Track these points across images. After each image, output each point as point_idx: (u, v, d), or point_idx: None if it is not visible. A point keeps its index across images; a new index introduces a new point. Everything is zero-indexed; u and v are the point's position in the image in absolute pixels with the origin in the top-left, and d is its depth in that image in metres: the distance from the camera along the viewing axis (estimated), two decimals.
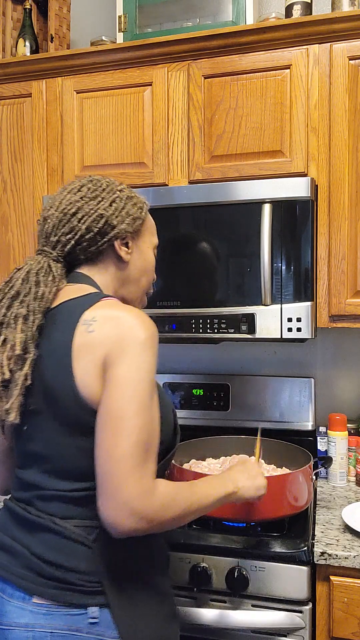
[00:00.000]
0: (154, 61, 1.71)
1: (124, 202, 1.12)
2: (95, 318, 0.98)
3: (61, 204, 1.10)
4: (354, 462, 1.78)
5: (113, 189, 1.12)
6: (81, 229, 1.07)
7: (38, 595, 0.96)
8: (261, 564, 1.31)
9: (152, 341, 0.98)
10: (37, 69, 1.81)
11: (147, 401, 0.94)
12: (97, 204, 1.09)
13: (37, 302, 1.02)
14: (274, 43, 1.60)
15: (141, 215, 1.15)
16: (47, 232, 1.10)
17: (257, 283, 1.54)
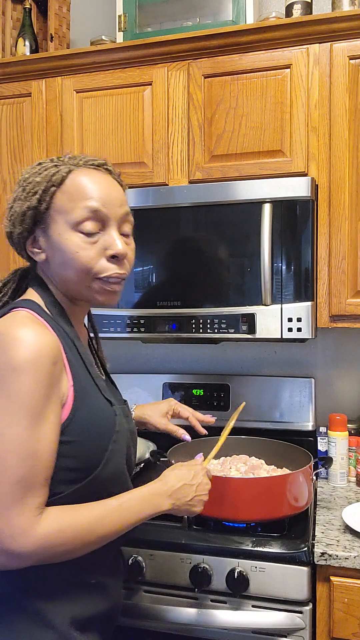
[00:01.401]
0: (154, 61, 1.70)
1: (13, 200, 1.00)
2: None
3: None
4: (354, 462, 1.78)
5: (19, 181, 1.01)
6: (12, 229, 1.02)
7: None
8: (261, 565, 1.31)
9: (33, 366, 0.86)
10: (36, 68, 1.80)
11: (25, 436, 0.85)
12: (13, 198, 1.01)
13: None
14: (274, 43, 1.60)
15: (31, 203, 0.96)
16: None
17: (257, 283, 1.54)
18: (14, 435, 0.85)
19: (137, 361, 2.14)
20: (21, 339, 0.87)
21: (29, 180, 0.98)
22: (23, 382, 0.86)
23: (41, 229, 0.99)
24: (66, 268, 0.98)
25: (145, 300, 1.63)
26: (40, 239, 0.99)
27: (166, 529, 1.40)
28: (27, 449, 0.86)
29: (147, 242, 1.63)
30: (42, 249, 1.00)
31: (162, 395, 1.99)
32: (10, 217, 1.00)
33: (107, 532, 0.94)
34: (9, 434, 0.85)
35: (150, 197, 1.62)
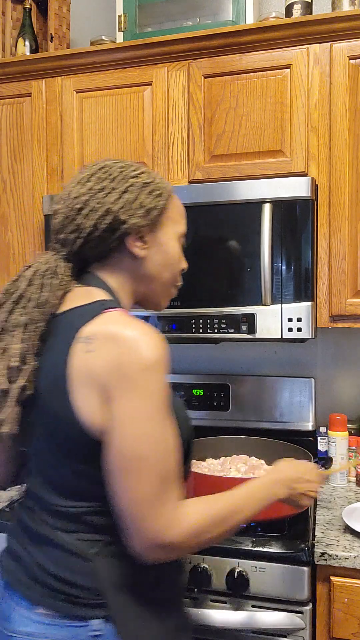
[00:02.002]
0: (154, 61, 1.70)
1: (137, 192, 1.00)
2: (95, 335, 0.90)
3: (69, 197, 1.01)
4: (355, 462, 1.78)
5: (126, 176, 1.01)
6: (87, 226, 0.98)
7: (43, 606, 0.95)
8: (261, 565, 1.31)
9: (160, 364, 0.90)
10: (36, 68, 1.80)
11: (161, 433, 0.89)
12: (104, 197, 0.98)
13: (38, 309, 0.96)
14: (274, 42, 1.60)
15: (158, 204, 1.02)
16: (55, 228, 1.03)
17: (257, 283, 1.54)
18: (154, 433, 0.88)
19: None
20: (150, 338, 0.90)
21: (154, 181, 1.03)
22: (155, 381, 0.89)
23: (151, 229, 1.03)
24: (165, 269, 1.06)
25: None
26: (147, 237, 1.03)
27: None
28: (166, 445, 0.90)
29: None
30: (145, 243, 1.03)
31: None
32: (125, 205, 0.99)
33: (239, 519, 0.99)
34: (149, 432, 0.88)
35: None
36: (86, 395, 0.90)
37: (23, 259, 1.86)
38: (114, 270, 1.03)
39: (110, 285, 1.03)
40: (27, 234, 1.85)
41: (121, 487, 0.88)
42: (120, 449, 0.88)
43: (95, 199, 0.99)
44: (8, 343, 0.95)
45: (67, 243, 1.01)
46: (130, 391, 0.88)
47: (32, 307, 0.96)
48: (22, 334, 0.95)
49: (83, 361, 0.90)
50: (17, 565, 0.99)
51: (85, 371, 0.90)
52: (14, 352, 0.94)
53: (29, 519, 1.00)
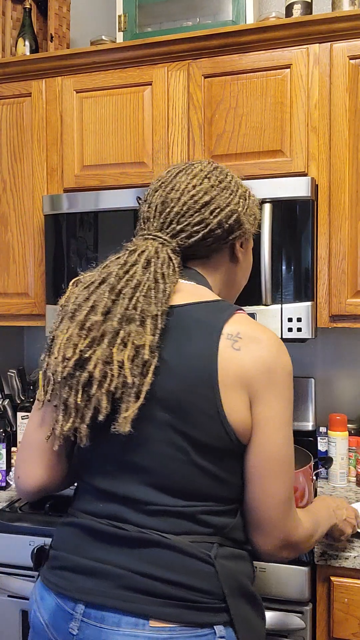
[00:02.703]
0: (154, 61, 1.70)
1: (249, 200, 1.04)
2: (240, 335, 0.90)
3: (188, 188, 0.97)
4: (355, 462, 1.78)
5: (238, 181, 1.03)
6: (212, 222, 0.96)
7: (156, 618, 0.85)
8: (261, 565, 1.31)
9: (292, 371, 0.94)
10: (36, 68, 1.80)
11: (291, 437, 0.93)
12: (229, 197, 0.99)
13: (164, 299, 0.91)
14: (274, 42, 1.60)
15: (259, 215, 1.10)
16: (168, 216, 0.97)
17: (257, 283, 1.54)
18: (291, 437, 0.93)
19: None
20: (283, 346, 0.94)
21: (253, 195, 1.08)
22: (291, 387, 0.93)
23: (249, 237, 1.08)
24: (245, 277, 1.13)
25: None
26: (244, 245, 1.07)
27: None
28: (293, 450, 0.94)
29: None
30: (242, 248, 1.07)
31: None
32: (245, 210, 1.02)
33: (322, 531, 1.08)
34: (289, 436, 0.92)
35: None
36: (235, 392, 0.89)
37: (23, 259, 1.86)
38: (213, 269, 1.04)
39: (210, 284, 1.03)
40: (27, 234, 1.85)
41: (266, 487, 0.91)
42: (271, 452, 0.91)
43: (221, 196, 0.98)
44: (132, 333, 0.88)
45: (183, 234, 0.97)
46: (278, 394, 0.90)
47: (159, 297, 0.91)
48: (152, 325, 0.89)
49: (231, 357, 0.89)
50: (95, 581, 0.89)
51: (234, 368, 0.89)
52: (147, 344, 0.87)
53: (108, 526, 0.91)
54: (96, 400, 0.87)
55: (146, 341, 0.87)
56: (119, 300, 0.90)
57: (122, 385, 0.87)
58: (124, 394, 0.87)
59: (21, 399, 2.06)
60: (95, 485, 0.95)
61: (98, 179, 1.77)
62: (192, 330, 0.91)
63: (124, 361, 0.86)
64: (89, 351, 0.88)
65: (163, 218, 0.98)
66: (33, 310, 1.85)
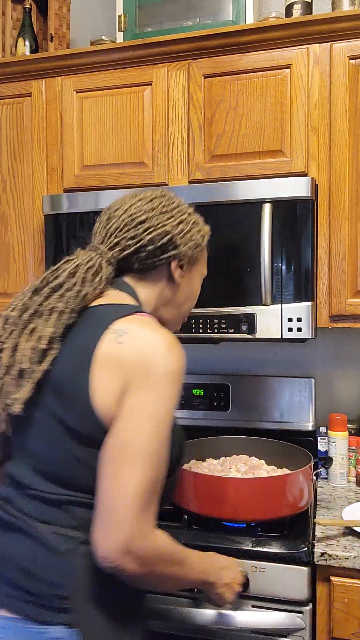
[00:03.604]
0: (154, 61, 1.70)
1: (190, 226, 1.11)
2: (127, 331, 0.94)
3: (130, 208, 1.08)
4: (354, 462, 1.78)
5: (183, 210, 1.12)
6: (144, 239, 1.05)
7: (4, 607, 0.89)
8: (261, 564, 1.31)
9: (180, 374, 0.93)
10: (36, 68, 1.80)
11: (165, 439, 0.90)
12: (166, 220, 1.08)
13: (77, 300, 1.00)
14: (274, 42, 1.60)
15: (202, 243, 1.15)
16: (108, 231, 1.08)
17: (257, 283, 1.54)
18: (156, 435, 0.89)
19: None
20: (176, 348, 0.94)
21: (200, 223, 1.16)
22: (172, 389, 0.92)
23: (191, 261, 1.14)
24: (187, 301, 1.17)
25: None
26: (185, 266, 1.12)
27: (166, 529, 1.40)
28: (164, 454, 0.91)
29: None
30: (182, 271, 1.12)
31: None
32: (181, 233, 1.09)
33: (183, 575, 1.00)
34: (152, 431, 0.89)
35: None
36: (108, 381, 0.92)
37: (23, 259, 1.86)
38: (147, 284, 1.10)
39: (140, 298, 1.09)
40: (27, 234, 1.85)
41: (116, 474, 0.87)
42: (124, 440, 0.88)
43: (157, 218, 1.07)
44: (38, 325, 0.97)
45: (118, 247, 1.07)
46: (148, 389, 0.90)
47: (72, 296, 1.00)
48: (55, 319, 0.98)
49: (112, 349, 0.93)
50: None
51: (112, 358, 0.92)
52: (46, 335, 0.96)
53: (1, 509, 0.97)
54: (1, 384, 0.97)
55: (46, 332, 0.96)
56: (35, 298, 1.01)
57: (20, 370, 0.96)
58: (22, 379, 0.96)
59: None
60: (6, 469, 1.03)
61: (98, 179, 1.77)
62: (88, 326, 0.98)
63: (26, 349, 0.96)
64: (6, 342, 0.99)
65: (105, 232, 1.09)
66: None
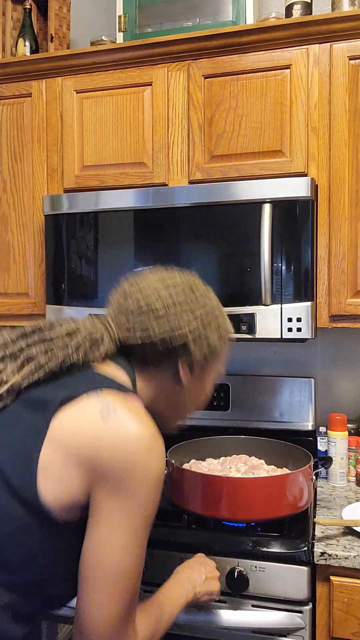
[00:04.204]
0: (154, 61, 1.70)
1: (211, 331, 1.00)
2: (117, 410, 0.84)
3: (152, 294, 0.97)
4: (354, 462, 1.78)
5: (209, 310, 1.01)
6: (156, 336, 0.96)
7: None
8: (261, 564, 1.31)
9: (161, 479, 0.86)
10: (37, 68, 1.81)
11: (141, 553, 0.85)
12: (186, 321, 0.97)
13: (60, 362, 0.91)
14: (274, 43, 1.60)
15: (221, 349, 1.04)
16: (122, 308, 0.98)
17: (257, 283, 1.54)
18: (140, 552, 0.84)
19: None
20: (159, 449, 0.86)
21: (225, 325, 1.06)
22: (154, 496, 0.85)
23: (203, 366, 1.02)
24: (193, 403, 1.07)
25: None
26: (196, 369, 1.01)
27: (166, 529, 1.40)
28: (136, 571, 0.85)
29: (147, 242, 1.63)
30: (192, 375, 1.01)
31: None
32: (197, 338, 0.99)
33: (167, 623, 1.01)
34: (137, 551, 0.84)
35: (150, 197, 1.62)
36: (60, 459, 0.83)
37: (23, 259, 1.86)
38: (149, 377, 1.00)
39: (137, 386, 0.99)
40: (27, 234, 1.85)
41: (89, 600, 0.83)
42: (100, 557, 0.82)
43: (176, 316, 0.97)
44: (7, 369, 0.91)
45: (124, 330, 0.98)
46: (124, 497, 0.82)
47: (57, 356, 0.91)
48: (28, 370, 0.90)
49: (91, 424, 0.84)
50: None
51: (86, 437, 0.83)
52: (10, 382, 0.89)
53: None
54: None
55: (10, 379, 0.90)
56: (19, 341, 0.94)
57: None
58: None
59: None
60: None
61: (98, 179, 1.77)
62: (65, 385, 0.90)
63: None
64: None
65: (118, 306, 1.00)
66: (33, 310, 1.85)
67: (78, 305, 1.69)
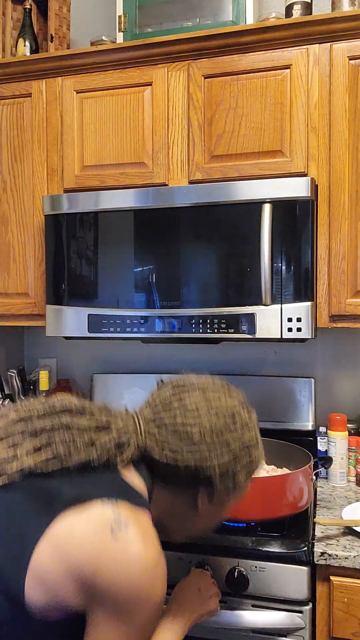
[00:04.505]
0: (154, 61, 1.70)
1: (241, 469, 0.95)
2: (129, 527, 0.80)
3: (190, 408, 0.93)
4: (354, 462, 1.78)
5: (246, 443, 0.95)
6: (182, 462, 0.91)
7: None
8: (261, 564, 1.31)
9: (161, 603, 0.83)
10: (37, 68, 1.81)
11: None
12: (219, 455, 0.92)
13: (78, 461, 0.86)
14: (274, 43, 1.60)
15: (246, 484, 0.99)
16: (156, 419, 0.93)
17: (257, 283, 1.54)
18: None
19: (137, 361, 2.15)
20: (162, 574, 0.82)
21: (257, 459, 0.99)
22: (154, 618, 0.83)
23: (222, 496, 0.97)
24: (203, 526, 1.02)
25: (145, 300, 1.64)
26: (215, 499, 0.97)
27: None
28: None
29: (147, 242, 1.63)
30: (210, 504, 0.98)
31: None
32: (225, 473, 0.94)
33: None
34: None
35: (150, 197, 1.62)
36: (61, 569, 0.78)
37: (23, 259, 1.86)
38: (166, 493, 0.96)
39: (153, 497, 0.95)
40: (28, 234, 1.85)
41: None
42: None
43: (209, 447, 0.92)
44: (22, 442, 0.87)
45: (153, 444, 0.93)
46: (126, 619, 0.80)
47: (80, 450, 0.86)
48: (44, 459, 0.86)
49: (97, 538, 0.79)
50: None
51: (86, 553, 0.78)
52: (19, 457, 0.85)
53: None
54: None
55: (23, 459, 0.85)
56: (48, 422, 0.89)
57: None
58: None
59: (21, 399, 2.06)
60: None
61: (98, 179, 1.77)
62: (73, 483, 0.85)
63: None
64: None
65: (154, 413, 0.95)
66: (33, 310, 1.85)
67: (78, 306, 1.70)
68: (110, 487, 0.85)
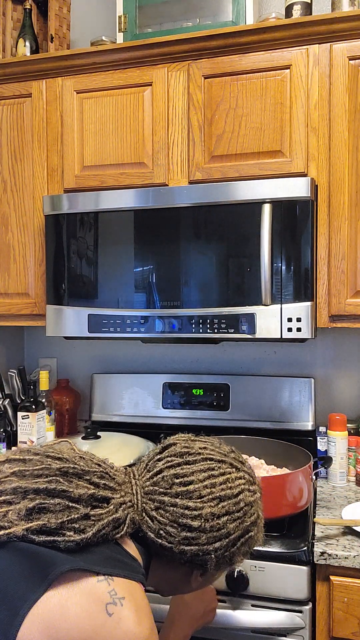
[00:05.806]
0: (154, 61, 1.71)
1: (236, 549, 0.92)
2: (123, 604, 0.77)
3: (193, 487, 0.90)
4: (354, 462, 1.78)
5: (245, 521, 0.92)
6: (178, 544, 0.89)
7: None
8: (261, 564, 1.31)
9: None
10: (37, 69, 1.81)
11: None
12: (217, 540, 0.89)
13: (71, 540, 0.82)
14: (274, 43, 1.60)
15: (241, 561, 0.96)
16: (157, 493, 0.90)
17: (257, 283, 1.54)
18: None
19: (137, 361, 2.15)
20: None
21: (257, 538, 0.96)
22: None
23: (215, 572, 0.97)
24: (195, 589, 1.00)
25: (145, 300, 1.64)
26: (209, 575, 0.97)
27: None
28: None
29: (147, 242, 1.64)
30: (202, 578, 0.97)
31: (162, 395, 1.99)
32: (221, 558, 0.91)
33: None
34: None
35: (151, 197, 1.62)
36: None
37: (24, 259, 1.86)
38: (161, 566, 0.95)
39: (150, 568, 0.95)
40: (28, 234, 1.85)
41: None
42: None
43: (209, 532, 0.89)
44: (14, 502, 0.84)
45: (149, 519, 0.90)
46: None
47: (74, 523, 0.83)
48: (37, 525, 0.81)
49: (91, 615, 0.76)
50: None
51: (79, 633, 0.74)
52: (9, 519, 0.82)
53: None
54: None
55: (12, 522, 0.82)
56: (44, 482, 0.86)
57: None
58: None
59: (21, 399, 2.06)
60: None
61: (98, 179, 1.77)
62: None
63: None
64: None
65: (152, 488, 0.92)
66: (33, 310, 1.85)
67: (78, 306, 1.70)
68: (105, 560, 0.82)
